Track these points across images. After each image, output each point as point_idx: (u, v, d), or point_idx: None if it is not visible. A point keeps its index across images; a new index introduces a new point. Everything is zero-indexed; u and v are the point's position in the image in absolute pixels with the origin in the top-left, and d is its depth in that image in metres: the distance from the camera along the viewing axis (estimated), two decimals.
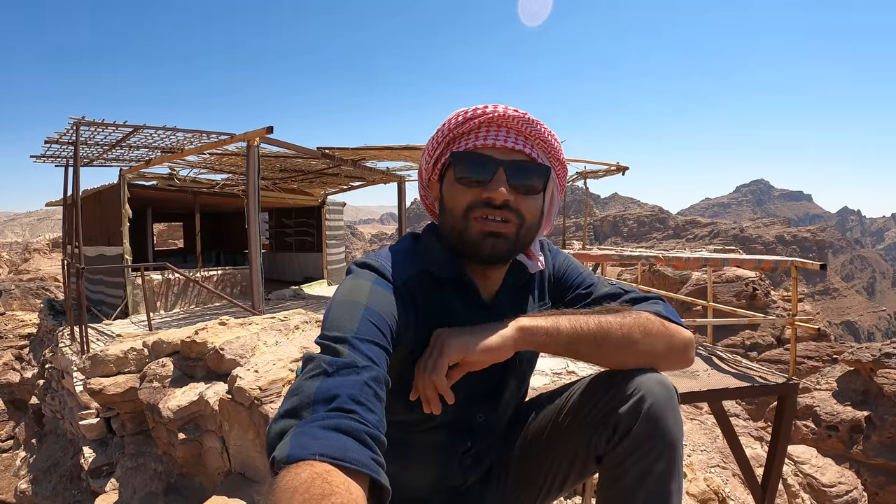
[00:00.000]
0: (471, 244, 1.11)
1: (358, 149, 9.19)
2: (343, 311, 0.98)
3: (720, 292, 14.19)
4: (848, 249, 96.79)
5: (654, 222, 76.08)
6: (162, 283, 10.16)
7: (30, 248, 30.98)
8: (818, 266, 3.94)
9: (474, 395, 1.22)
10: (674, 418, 1.03)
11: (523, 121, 1.12)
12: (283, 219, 16.51)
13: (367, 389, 0.84)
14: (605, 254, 5.37)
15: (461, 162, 1.12)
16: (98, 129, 7.72)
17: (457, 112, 1.15)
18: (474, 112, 1.12)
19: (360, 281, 1.07)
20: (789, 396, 3.71)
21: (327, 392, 0.80)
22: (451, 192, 1.14)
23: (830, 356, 12.47)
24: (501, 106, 1.11)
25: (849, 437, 8.39)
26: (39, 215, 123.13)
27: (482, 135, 1.12)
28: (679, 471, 1.03)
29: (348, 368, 0.85)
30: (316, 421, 0.76)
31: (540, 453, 1.26)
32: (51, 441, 7.55)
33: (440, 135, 1.17)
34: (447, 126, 1.15)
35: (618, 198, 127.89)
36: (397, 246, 1.22)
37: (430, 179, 1.25)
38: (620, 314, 1.12)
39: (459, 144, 1.14)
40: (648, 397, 1.03)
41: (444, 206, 1.17)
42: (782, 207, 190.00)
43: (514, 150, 1.12)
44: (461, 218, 1.11)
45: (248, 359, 3.52)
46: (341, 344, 0.90)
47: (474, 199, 1.10)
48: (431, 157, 1.20)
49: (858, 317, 64.06)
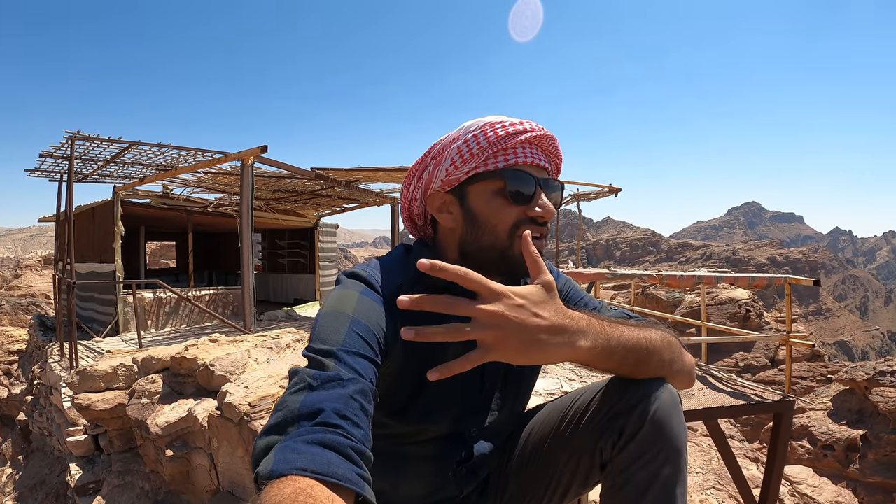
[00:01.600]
0: (515, 262, 1.07)
1: (352, 170, 9.21)
2: (330, 323, 0.96)
3: (713, 314, 14.19)
4: (840, 269, 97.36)
5: (646, 245, 76.41)
6: (153, 302, 10.08)
7: (21, 265, 30.83)
8: (811, 282, 3.94)
9: (469, 408, 1.20)
10: (679, 423, 1.02)
11: (553, 140, 1.13)
12: (277, 240, 16.46)
13: (353, 403, 0.82)
14: (599, 272, 5.37)
15: (514, 178, 1.08)
16: (93, 144, 7.71)
17: (487, 122, 1.11)
18: (515, 128, 1.09)
19: (348, 291, 1.04)
20: (785, 414, 3.68)
21: (312, 406, 0.79)
22: (491, 207, 1.10)
23: (825, 376, 12.45)
24: (535, 123, 1.11)
25: (845, 456, 8.35)
26: (32, 231, 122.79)
27: (521, 151, 1.10)
28: (684, 477, 1.01)
29: (333, 382, 0.84)
30: (300, 436, 0.75)
31: (541, 463, 1.23)
32: (38, 458, 7.43)
33: (475, 146, 1.09)
34: (485, 138, 1.09)
35: (610, 221, 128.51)
36: (388, 256, 1.20)
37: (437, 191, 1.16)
38: (651, 330, 1.07)
39: (497, 159, 1.09)
40: (654, 402, 1.01)
41: (476, 221, 1.11)
42: (774, 229, 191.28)
43: (542, 168, 1.13)
44: (506, 236, 1.08)
45: (238, 375, 3.48)
46: (327, 357, 0.89)
47: (519, 216, 1.08)
48: (458, 168, 1.11)
49: (852, 336, 64.24)
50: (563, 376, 4.33)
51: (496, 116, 1.12)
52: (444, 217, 1.16)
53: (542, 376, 4.27)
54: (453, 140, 1.12)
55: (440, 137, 1.17)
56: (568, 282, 1.36)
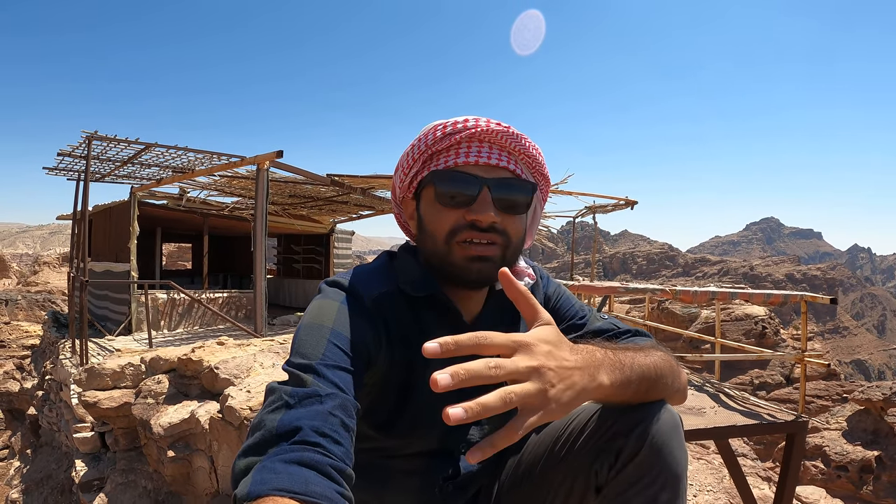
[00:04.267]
0: (456, 269, 1.03)
1: (367, 177, 9.21)
2: (309, 336, 0.93)
3: (729, 330, 14.02)
4: (858, 287, 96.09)
5: (663, 260, 75.99)
6: (167, 303, 10.14)
7: (40, 261, 31.21)
8: (828, 300, 3.86)
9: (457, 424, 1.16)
10: (679, 446, 0.97)
11: (507, 135, 1.04)
12: (292, 245, 16.52)
13: (333, 419, 0.79)
14: (612, 286, 5.30)
15: (442, 181, 1.03)
16: (110, 145, 7.78)
17: (434, 125, 1.06)
18: (454, 126, 1.03)
19: (327, 301, 1.01)
20: (798, 434, 3.60)
21: (289, 425, 0.76)
22: (430, 213, 1.06)
23: (840, 395, 12.25)
24: (483, 119, 1.04)
25: (858, 478, 8.20)
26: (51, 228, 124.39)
27: (463, 151, 1.04)
28: (683, 503, 0.96)
29: (311, 398, 0.81)
30: (278, 455, 0.72)
31: (534, 484, 1.17)
32: (46, 453, 7.48)
33: (416, 150, 1.07)
34: (424, 141, 1.06)
35: (627, 235, 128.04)
36: (372, 263, 1.16)
37: (403, 197, 1.16)
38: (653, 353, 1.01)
39: (438, 161, 1.05)
40: (654, 424, 0.96)
41: (423, 228, 1.08)
42: (792, 245, 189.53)
43: (497, 167, 1.04)
44: (444, 242, 1.03)
45: (242, 379, 3.46)
46: (306, 372, 0.85)
47: (457, 221, 1.02)
48: (407, 175, 1.10)
49: (868, 355, 63.27)
50: None
51: (452, 118, 1.06)
52: (411, 224, 1.15)
53: None
54: (409, 147, 1.10)
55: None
56: (558, 287, 1.31)
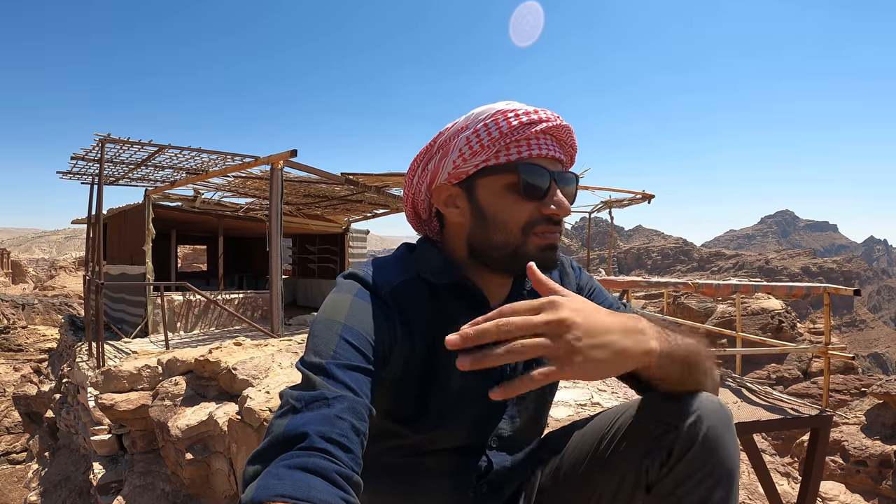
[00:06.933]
0: (527, 259, 0.96)
1: (382, 175, 9.18)
2: (321, 332, 0.91)
3: (745, 325, 13.90)
4: (875, 280, 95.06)
5: (678, 254, 75.56)
6: (183, 304, 10.19)
7: (56, 266, 31.52)
8: (851, 291, 3.79)
9: (487, 414, 1.12)
10: (732, 442, 0.93)
11: (569, 130, 1.04)
12: (307, 245, 16.59)
13: (341, 423, 0.77)
14: (632, 280, 5.24)
15: (528, 172, 1.00)
16: (123, 148, 7.80)
17: (503, 111, 1.01)
18: (531, 118, 1.00)
19: (341, 295, 0.98)
20: (823, 429, 3.54)
21: (295, 430, 0.75)
22: (502, 203, 1.02)
23: (859, 389, 12.13)
24: (550, 112, 1.02)
25: (878, 472, 8.11)
26: (67, 233, 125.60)
27: (535, 143, 1.01)
28: (736, 500, 0.92)
29: (318, 402, 0.79)
30: (283, 461, 0.71)
31: (578, 486, 1.12)
32: (63, 455, 7.54)
33: (486, 136, 1.00)
34: (497, 128, 1.00)
35: (642, 230, 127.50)
36: (392, 255, 1.13)
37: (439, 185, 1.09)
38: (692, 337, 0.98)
39: (511, 151, 1.00)
40: (706, 419, 0.92)
41: (485, 217, 1.03)
42: (808, 238, 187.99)
43: (557, 160, 1.04)
44: (519, 233, 1.00)
45: (261, 380, 3.44)
46: (317, 372, 0.84)
47: (533, 213, 1.00)
48: (468, 161, 1.02)
49: (886, 348, 62.43)
50: (593, 386, 4.20)
51: (508, 103, 1.02)
52: (450, 212, 1.08)
53: (570, 386, 4.15)
54: (462, 129, 1.03)
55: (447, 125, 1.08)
56: (591, 280, 1.28)
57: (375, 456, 1.06)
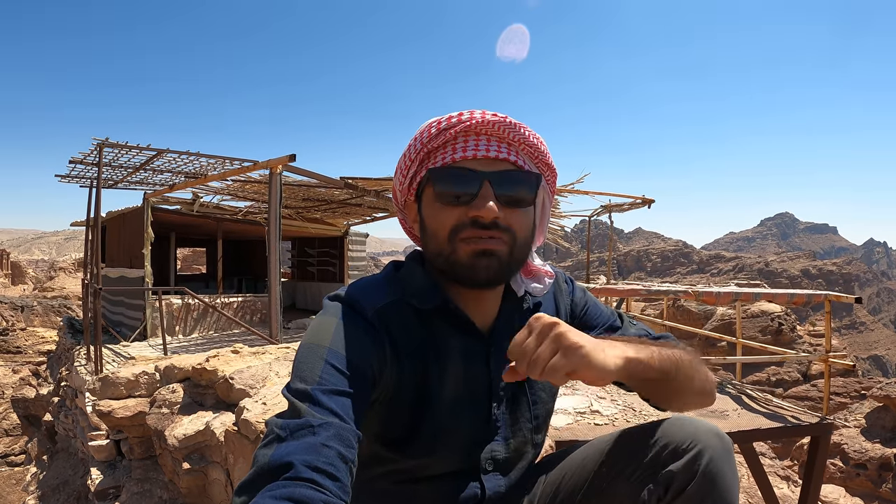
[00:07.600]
0: (462, 268, 0.98)
1: (381, 179, 9.18)
2: (306, 358, 0.89)
3: (745, 328, 13.86)
4: (874, 282, 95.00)
5: (677, 257, 75.62)
6: (182, 308, 10.18)
7: (55, 267, 31.48)
8: (853, 299, 3.78)
9: (479, 437, 1.10)
10: (732, 474, 0.91)
11: (505, 125, 0.99)
12: (306, 248, 16.55)
13: (327, 451, 0.76)
14: (632, 288, 5.21)
15: (440, 179, 1.00)
16: (122, 152, 7.78)
17: (429, 122, 1.03)
18: (449, 121, 1.00)
19: (326, 319, 0.97)
20: (823, 437, 3.53)
21: (280, 460, 0.74)
22: (431, 212, 1.02)
23: (858, 392, 12.09)
24: (478, 111, 0.99)
25: (878, 476, 8.08)
26: (66, 234, 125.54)
27: (461, 146, 1.00)
28: None
29: (303, 430, 0.78)
30: (269, 491, 0.70)
31: None
32: (62, 459, 7.51)
33: (413, 150, 1.04)
34: (420, 140, 1.02)
35: (641, 232, 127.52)
36: (378, 275, 1.12)
37: (405, 200, 1.12)
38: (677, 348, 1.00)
39: (436, 159, 1.02)
40: (706, 452, 0.91)
41: (425, 229, 1.05)
42: (807, 240, 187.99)
43: (498, 160, 1.00)
44: (447, 241, 0.99)
45: (258, 389, 3.41)
46: (302, 399, 0.83)
47: (459, 218, 0.98)
48: (405, 177, 1.07)
49: (886, 351, 62.33)
50: (592, 394, 4.18)
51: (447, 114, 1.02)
52: (415, 227, 1.11)
53: (571, 393, 4.13)
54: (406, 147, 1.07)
55: None
56: (586, 294, 1.26)
57: (367, 482, 1.05)
